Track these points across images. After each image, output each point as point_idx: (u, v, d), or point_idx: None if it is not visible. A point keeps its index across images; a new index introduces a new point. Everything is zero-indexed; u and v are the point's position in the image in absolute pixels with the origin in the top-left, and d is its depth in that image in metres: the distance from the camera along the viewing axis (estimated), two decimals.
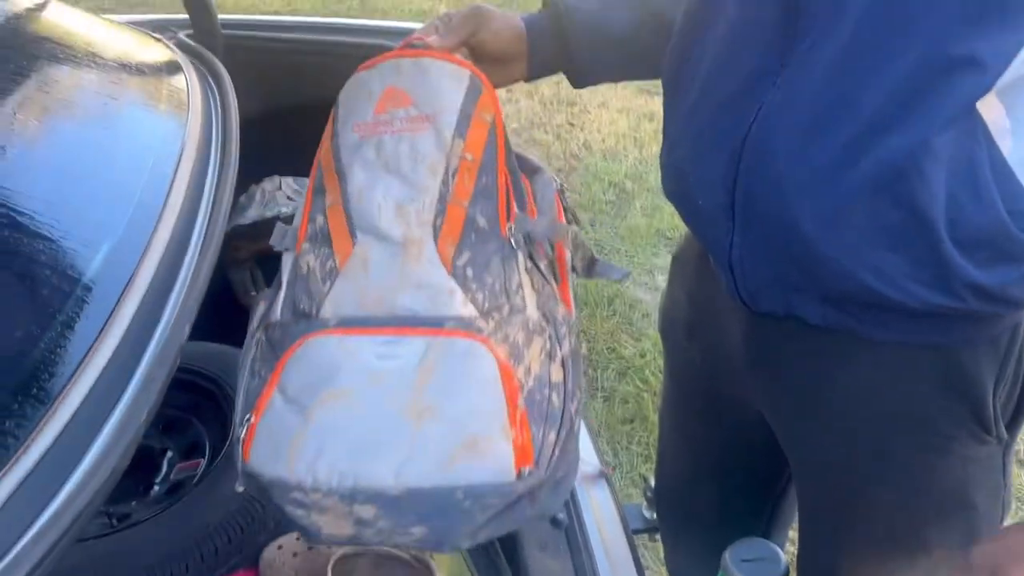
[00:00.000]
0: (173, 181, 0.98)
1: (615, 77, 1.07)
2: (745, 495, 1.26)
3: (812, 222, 0.78)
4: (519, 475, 0.69)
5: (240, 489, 0.77)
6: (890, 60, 0.72)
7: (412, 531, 0.70)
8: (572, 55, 0.99)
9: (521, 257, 0.79)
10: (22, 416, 0.65)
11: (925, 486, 0.92)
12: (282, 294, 0.81)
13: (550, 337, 0.76)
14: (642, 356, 2.60)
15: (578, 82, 1.04)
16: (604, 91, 4.26)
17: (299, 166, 1.68)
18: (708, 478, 1.28)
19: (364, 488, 0.69)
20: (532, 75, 1.00)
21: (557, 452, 0.72)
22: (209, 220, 0.95)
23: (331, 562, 1.03)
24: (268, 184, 1.63)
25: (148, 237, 0.87)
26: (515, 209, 0.81)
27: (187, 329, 0.80)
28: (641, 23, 0.99)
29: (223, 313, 1.48)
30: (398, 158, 0.79)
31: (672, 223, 3.23)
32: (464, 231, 0.77)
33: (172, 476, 1.28)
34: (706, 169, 0.86)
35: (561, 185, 0.92)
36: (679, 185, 0.93)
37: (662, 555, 1.52)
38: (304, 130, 1.77)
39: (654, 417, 2.36)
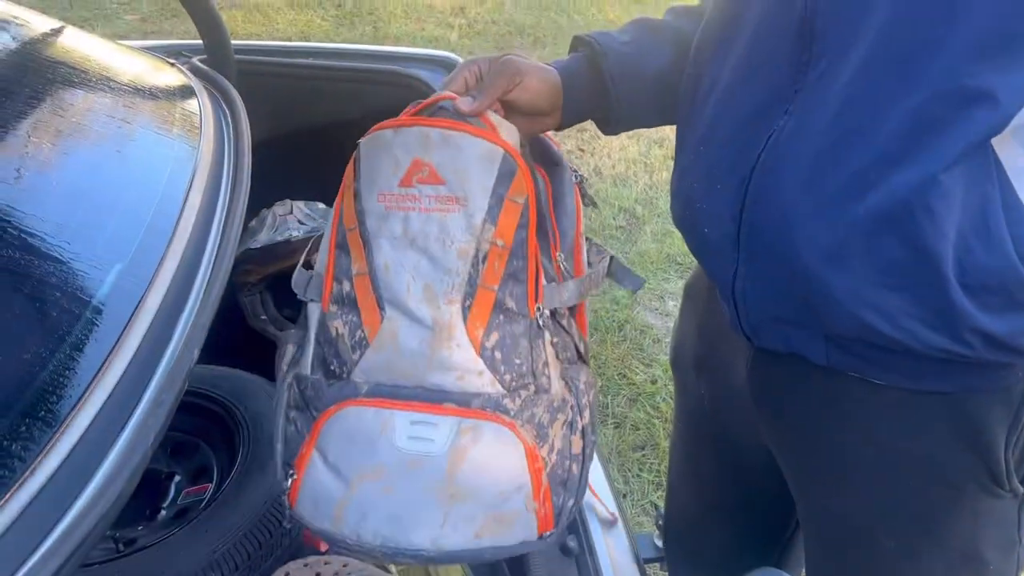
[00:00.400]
0: (184, 204, 0.98)
1: (647, 122, 1.01)
2: (755, 535, 1.24)
3: (815, 255, 0.76)
4: (540, 537, 0.80)
5: (287, 526, 0.86)
6: (904, 90, 0.70)
7: (442, 565, 0.83)
8: (609, 101, 0.94)
9: (548, 334, 0.81)
10: (29, 438, 0.65)
11: (932, 539, 0.89)
12: (311, 349, 0.84)
13: (572, 408, 0.82)
14: (653, 383, 2.58)
15: (609, 129, 0.99)
16: None
17: (311, 190, 1.70)
18: (716, 517, 1.26)
19: (405, 550, 0.78)
20: (565, 125, 0.95)
21: (575, 512, 0.82)
22: (220, 244, 0.95)
23: None
24: (279, 208, 1.64)
25: (158, 260, 0.87)
26: (543, 283, 0.81)
27: (196, 353, 0.79)
28: (673, 64, 0.95)
29: (232, 337, 1.49)
30: (427, 238, 0.78)
31: (683, 249, 3.22)
32: (493, 313, 0.78)
33: (179, 500, 1.28)
34: (714, 198, 0.85)
35: (581, 178, 0.90)
36: (687, 213, 0.91)
37: None
38: (316, 155, 1.79)
39: (665, 444, 2.34)
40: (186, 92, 1.31)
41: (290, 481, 0.82)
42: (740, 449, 1.09)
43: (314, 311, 0.84)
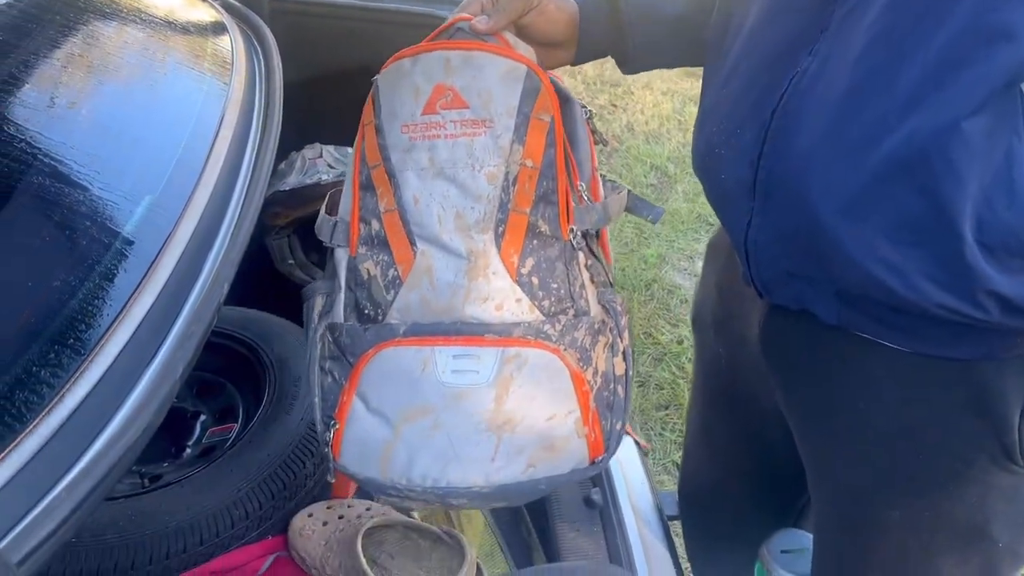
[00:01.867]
0: (215, 140, 0.97)
1: (667, 62, 0.99)
2: (769, 500, 1.22)
3: (830, 205, 0.73)
4: (593, 462, 0.78)
5: (331, 480, 0.83)
6: (930, 28, 0.66)
7: (493, 504, 0.82)
8: (625, 38, 0.92)
9: (581, 256, 0.79)
10: (57, 366, 0.64)
11: (939, 512, 0.86)
12: (342, 296, 0.82)
13: (612, 330, 0.80)
14: (679, 343, 2.56)
15: (628, 67, 0.98)
16: (649, 73, 4.19)
17: (340, 134, 1.67)
18: (731, 480, 1.24)
19: (456, 488, 0.76)
20: (580, 60, 0.94)
21: (622, 434, 0.80)
22: (251, 180, 0.94)
23: (360, 532, 1.02)
24: (309, 151, 1.62)
25: (189, 193, 0.86)
26: (573, 205, 0.79)
27: (225, 288, 0.78)
28: (695, 3, 0.93)
29: (260, 280, 1.48)
30: (454, 165, 0.76)
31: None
32: (526, 238, 0.77)
33: (204, 440, 1.28)
34: (734, 142, 0.82)
35: (590, 113, 0.87)
36: (707, 160, 0.88)
37: None
38: (347, 99, 1.76)
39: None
40: (218, 28, 1.29)
41: (332, 432, 0.79)
42: (756, 411, 1.07)
43: (342, 257, 0.82)
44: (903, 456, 0.86)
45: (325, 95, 1.66)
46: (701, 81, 0.93)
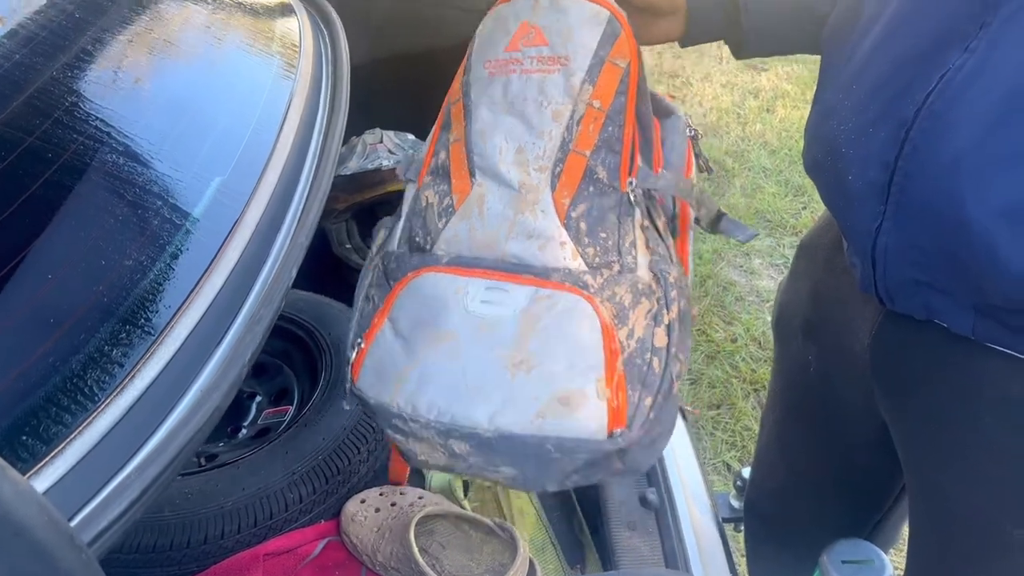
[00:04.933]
0: (283, 123, 0.96)
1: (785, 48, 0.94)
2: (846, 511, 1.18)
3: (985, 213, 0.68)
4: (610, 435, 0.69)
5: (347, 407, 0.81)
6: None
7: (501, 470, 0.73)
8: (742, 17, 0.87)
9: (638, 214, 0.76)
10: (128, 346, 0.64)
11: None
12: (400, 224, 0.83)
13: (659, 300, 0.74)
14: (733, 341, 2.52)
15: (741, 52, 0.93)
16: (708, 65, 4.13)
17: (401, 119, 1.67)
18: (809, 492, 1.20)
19: (460, 426, 0.71)
20: (690, 34, 0.89)
21: (652, 416, 0.71)
22: (318, 164, 0.93)
23: (414, 520, 1.01)
24: (369, 136, 1.62)
25: (258, 176, 0.86)
26: (639, 162, 0.77)
27: (294, 272, 0.78)
28: None
29: (317, 263, 1.48)
30: (524, 100, 0.77)
31: (773, 205, 3.12)
32: (583, 182, 0.75)
33: (260, 421, 1.29)
34: (865, 142, 0.77)
35: (695, 132, 0.85)
36: (828, 159, 0.83)
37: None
38: (409, 84, 1.76)
39: (742, 404, 2.29)
40: (286, 10, 1.28)
41: (355, 352, 0.78)
42: (845, 420, 1.03)
43: (410, 191, 0.84)
44: None
45: (387, 79, 1.65)
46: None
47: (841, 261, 0.90)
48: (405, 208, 0.83)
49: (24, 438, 0.55)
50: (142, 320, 0.66)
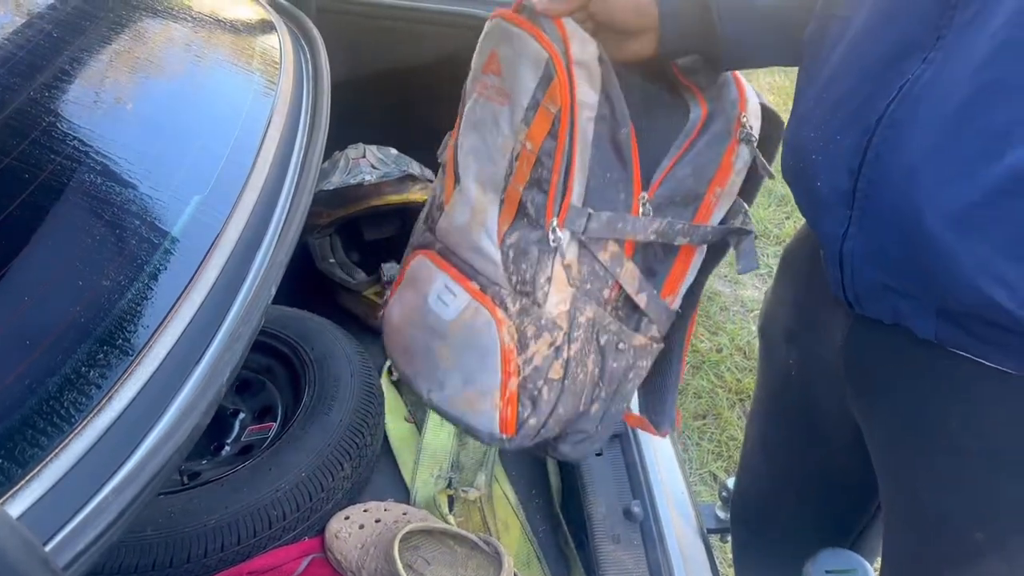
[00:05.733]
0: (264, 140, 0.96)
1: (762, 60, 0.93)
2: (830, 517, 1.19)
3: (940, 219, 0.70)
4: (501, 437, 0.85)
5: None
6: None
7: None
8: (715, 31, 0.86)
9: (558, 256, 0.81)
10: (106, 366, 0.64)
11: None
12: (428, 201, 0.96)
13: (565, 336, 0.83)
14: (718, 351, 2.53)
15: (716, 66, 0.90)
16: None
17: (383, 134, 1.67)
18: (792, 496, 1.21)
19: (411, 383, 0.93)
20: (665, 51, 0.87)
21: (539, 434, 0.86)
22: (298, 181, 0.93)
23: (398, 536, 1.01)
24: (352, 151, 1.62)
25: (237, 194, 0.86)
26: (569, 202, 0.80)
27: (273, 290, 0.78)
28: None
29: (301, 279, 1.48)
30: (485, 124, 0.85)
31: (756, 215, 3.13)
32: (518, 214, 0.83)
33: (243, 438, 1.28)
34: (832, 149, 0.79)
35: (753, 138, 0.89)
36: (800, 165, 0.85)
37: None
38: (391, 99, 1.76)
39: (728, 414, 2.29)
40: (267, 27, 1.29)
41: (388, 292, 0.99)
42: (825, 423, 1.04)
43: (440, 175, 0.95)
44: (995, 479, 0.83)
45: (368, 95, 1.65)
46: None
47: (818, 270, 0.91)
48: (436, 187, 0.95)
49: None
50: (120, 340, 0.66)
